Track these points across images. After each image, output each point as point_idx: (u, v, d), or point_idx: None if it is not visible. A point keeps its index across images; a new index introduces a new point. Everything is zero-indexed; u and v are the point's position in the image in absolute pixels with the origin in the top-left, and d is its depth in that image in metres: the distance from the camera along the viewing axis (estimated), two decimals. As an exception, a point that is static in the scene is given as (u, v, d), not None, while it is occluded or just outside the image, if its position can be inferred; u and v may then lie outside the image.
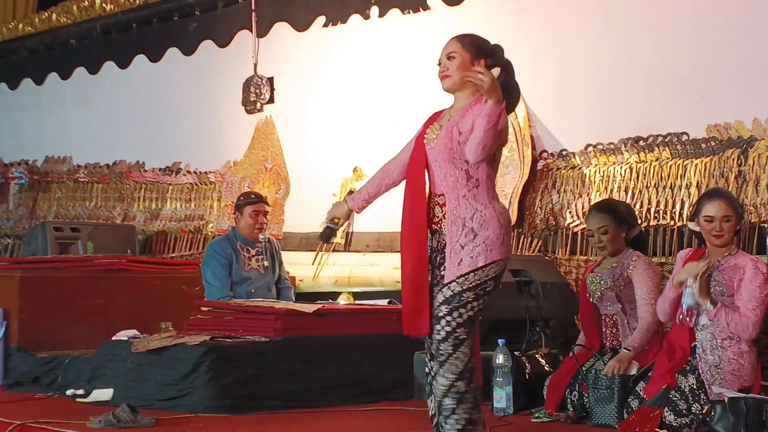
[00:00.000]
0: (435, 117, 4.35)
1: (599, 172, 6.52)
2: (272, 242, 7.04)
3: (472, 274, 4.08)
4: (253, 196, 6.98)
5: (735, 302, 4.78)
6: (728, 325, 4.73)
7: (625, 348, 5.19)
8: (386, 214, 7.63)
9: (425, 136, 4.28)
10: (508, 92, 4.14)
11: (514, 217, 6.59)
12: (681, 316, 4.83)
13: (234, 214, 7.07)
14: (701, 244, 5.04)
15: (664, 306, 4.97)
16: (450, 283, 4.09)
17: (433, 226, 4.21)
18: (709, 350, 4.78)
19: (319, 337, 5.89)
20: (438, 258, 4.19)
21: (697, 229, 4.96)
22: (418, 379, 5.96)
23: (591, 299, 5.52)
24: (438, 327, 4.08)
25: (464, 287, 4.08)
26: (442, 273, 4.14)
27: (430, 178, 4.25)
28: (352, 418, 5.42)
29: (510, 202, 6.73)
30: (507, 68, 4.25)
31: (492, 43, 4.30)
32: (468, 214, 4.12)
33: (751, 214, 5.75)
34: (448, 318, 4.07)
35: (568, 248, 6.61)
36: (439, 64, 4.27)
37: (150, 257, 8.65)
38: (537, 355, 5.63)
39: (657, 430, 4.64)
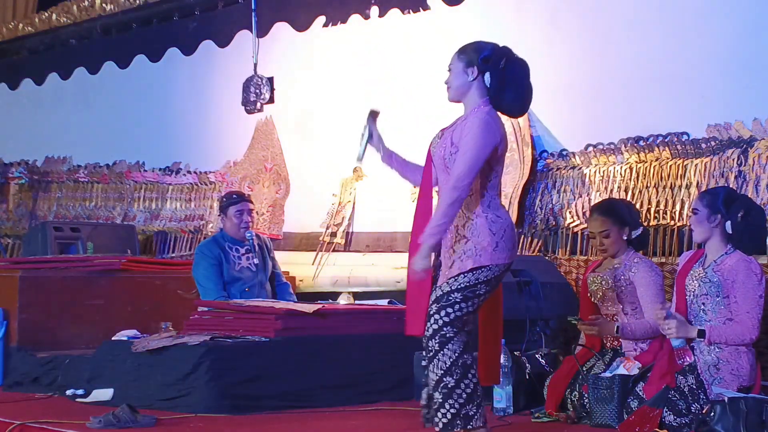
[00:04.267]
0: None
1: (599, 172, 6.52)
2: (262, 239, 7.01)
3: (462, 276, 4.19)
4: (234, 196, 6.93)
5: (730, 304, 4.78)
6: (726, 342, 4.73)
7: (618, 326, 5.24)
8: (386, 214, 7.71)
9: (432, 144, 4.34)
10: (504, 94, 4.25)
11: (514, 217, 6.54)
12: (679, 358, 4.85)
13: (219, 215, 7.06)
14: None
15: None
16: (441, 284, 4.22)
17: None
18: (707, 350, 4.78)
19: (319, 337, 5.89)
20: (438, 263, 4.29)
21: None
22: (418, 379, 5.97)
23: (592, 299, 5.51)
24: (427, 324, 4.21)
25: (453, 287, 4.19)
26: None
27: (438, 185, 4.35)
28: (352, 418, 5.42)
29: (510, 202, 6.73)
30: (500, 70, 4.27)
31: (492, 46, 4.33)
32: (460, 222, 4.24)
33: (751, 214, 5.74)
34: (436, 316, 4.19)
35: (568, 248, 6.61)
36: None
37: (150, 257, 8.65)
38: (537, 355, 5.63)
39: (657, 430, 4.64)
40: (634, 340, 5.28)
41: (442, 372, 4.17)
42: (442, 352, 4.17)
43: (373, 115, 4.53)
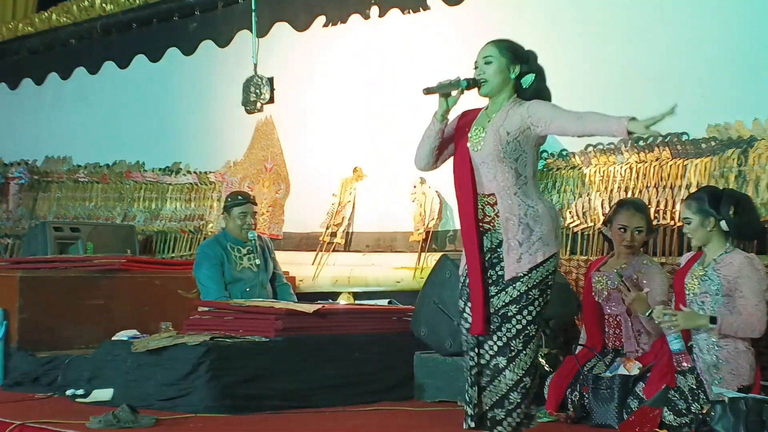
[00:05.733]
0: (471, 116, 4.38)
1: (599, 172, 6.52)
2: (263, 239, 7.01)
3: (534, 271, 4.17)
4: (240, 197, 6.93)
5: (732, 302, 4.78)
6: (736, 334, 4.73)
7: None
8: (386, 214, 7.71)
9: (469, 138, 4.30)
10: (540, 98, 4.32)
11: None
12: (676, 363, 4.84)
13: (222, 215, 7.06)
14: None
15: None
16: (515, 282, 4.17)
17: (485, 225, 4.26)
18: (706, 350, 4.78)
19: (319, 337, 5.90)
20: (493, 257, 4.24)
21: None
22: (418, 379, 5.97)
23: (597, 298, 5.51)
24: (509, 326, 4.16)
25: (529, 285, 4.17)
26: (499, 272, 4.21)
27: (477, 179, 4.31)
28: (352, 418, 5.43)
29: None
30: (540, 74, 4.36)
31: (526, 49, 4.37)
32: (522, 211, 4.20)
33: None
34: (518, 317, 4.16)
35: (568, 248, 6.60)
36: (476, 68, 4.33)
37: (150, 257, 8.65)
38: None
39: (657, 430, 4.64)
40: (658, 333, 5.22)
41: (523, 372, 4.15)
42: (524, 351, 4.15)
43: (475, 83, 4.31)
